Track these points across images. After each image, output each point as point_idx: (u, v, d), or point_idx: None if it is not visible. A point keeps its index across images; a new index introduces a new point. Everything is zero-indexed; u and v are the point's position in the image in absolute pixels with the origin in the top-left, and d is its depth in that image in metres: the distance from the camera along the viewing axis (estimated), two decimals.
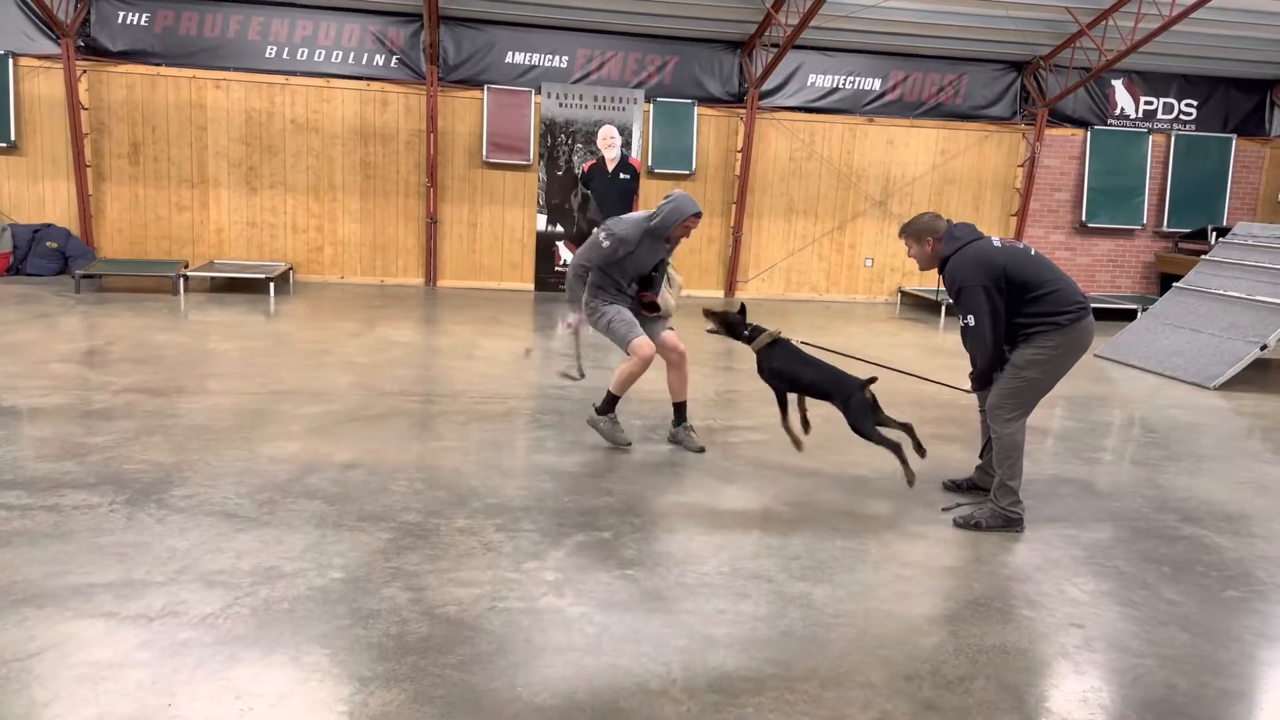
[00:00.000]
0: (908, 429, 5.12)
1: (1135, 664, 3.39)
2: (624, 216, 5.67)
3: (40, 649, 3.11)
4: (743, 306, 5.66)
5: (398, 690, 2.98)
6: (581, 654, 3.27)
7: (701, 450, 5.77)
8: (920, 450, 5.11)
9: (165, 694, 2.91)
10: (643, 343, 5.54)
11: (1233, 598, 4.02)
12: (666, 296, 5.95)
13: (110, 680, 2.96)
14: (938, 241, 4.68)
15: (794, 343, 5.46)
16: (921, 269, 4.91)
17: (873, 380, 5.08)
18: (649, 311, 5.81)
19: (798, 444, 5.42)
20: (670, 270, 6.04)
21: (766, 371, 5.42)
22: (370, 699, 2.93)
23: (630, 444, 5.81)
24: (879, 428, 5.02)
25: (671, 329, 5.89)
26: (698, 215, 5.50)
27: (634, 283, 5.75)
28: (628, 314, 5.65)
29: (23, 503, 4.37)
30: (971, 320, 4.49)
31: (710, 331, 5.66)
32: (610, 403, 5.78)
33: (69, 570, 3.69)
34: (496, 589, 3.72)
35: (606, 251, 5.52)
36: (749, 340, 5.46)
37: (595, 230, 5.67)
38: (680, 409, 5.92)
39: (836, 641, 3.44)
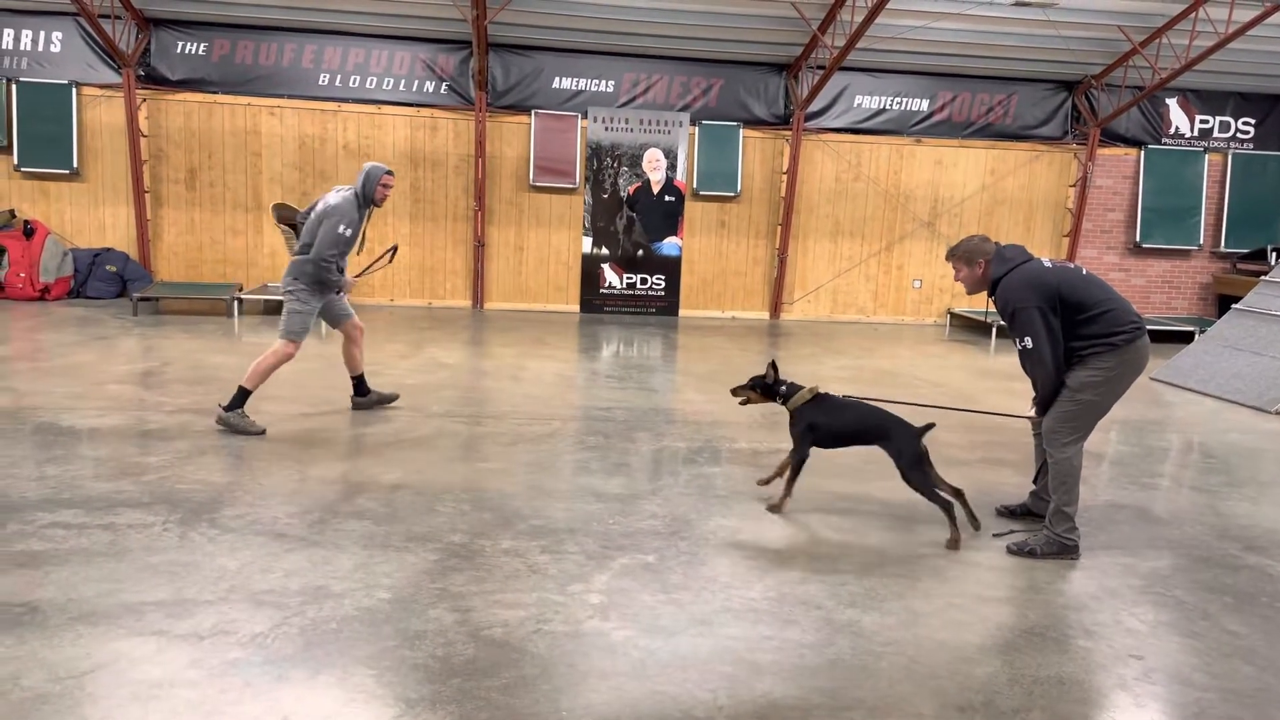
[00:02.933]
0: (959, 495, 4.83)
1: (1198, 698, 3.28)
2: (332, 204, 6.24)
3: (93, 666, 3.16)
4: (773, 364, 5.21)
5: (443, 713, 2.98)
6: (626, 679, 3.24)
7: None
8: (974, 522, 4.84)
9: (214, 713, 2.93)
10: (294, 348, 6.35)
11: None
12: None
13: (160, 699, 2.99)
14: (988, 263, 4.61)
15: (837, 396, 5.09)
16: (969, 293, 4.84)
17: (931, 426, 4.81)
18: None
19: (776, 509, 5.05)
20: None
21: (802, 426, 5.00)
22: None
23: (264, 430, 6.19)
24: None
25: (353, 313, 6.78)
26: (390, 173, 6.35)
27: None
28: (313, 313, 6.43)
29: (79, 521, 4.45)
30: (1030, 343, 4.41)
31: (743, 403, 5.31)
32: (242, 398, 6.23)
33: (122, 588, 3.75)
34: (541, 611, 3.71)
35: (351, 236, 6.28)
36: (784, 399, 5.07)
37: (323, 221, 6.21)
38: (362, 380, 6.90)
39: (886, 670, 3.37)
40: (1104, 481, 5.97)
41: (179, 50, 12.22)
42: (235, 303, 11.23)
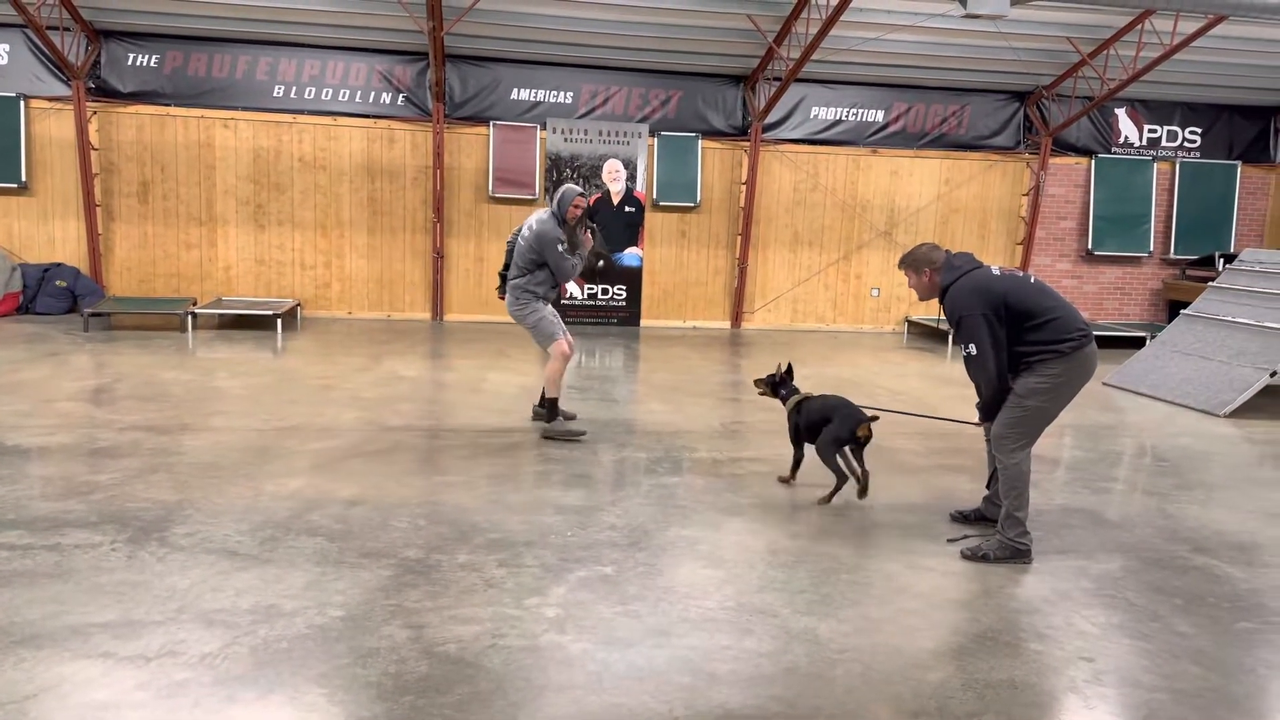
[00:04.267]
0: (862, 477, 5.37)
1: (1147, 699, 3.33)
2: (539, 230, 6.63)
3: (37, 690, 3.08)
4: (790, 368, 5.93)
5: None
6: (583, 692, 3.23)
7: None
8: (862, 494, 5.37)
9: None
10: (563, 342, 6.72)
11: (1246, 630, 3.95)
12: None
13: None
14: (936, 272, 4.68)
15: (816, 397, 5.68)
16: (921, 299, 4.91)
17: (874, 419, 5.34)
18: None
19: (786, 481, 5.82)
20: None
21: (792, 428, 5.69)
22: None
23: (585, 433, 6.75)
24: (844, 459, 5.38)
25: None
26: (582, 195, 6.63)
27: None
28: (551, 315, 6.80)
29: (24, 542, 4.36)
30: (973, 349, 4.48)
31: (761, 394, 5.97)
32: (554, 407, 6.81)
33: (68, 610, 3.67)
34: (497, 626, 3.68)
35: (564, 249, 6.64)
36: (784, 400, 5.78)
37: (542, 249, 6.62)
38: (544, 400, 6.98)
39: (842, 678, 3.39)
40: (1058, 486, 6.06)
41: (130, 62, 12.05)
42: (189, 317, 11.07)
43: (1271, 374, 8.58)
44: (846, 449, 5.37)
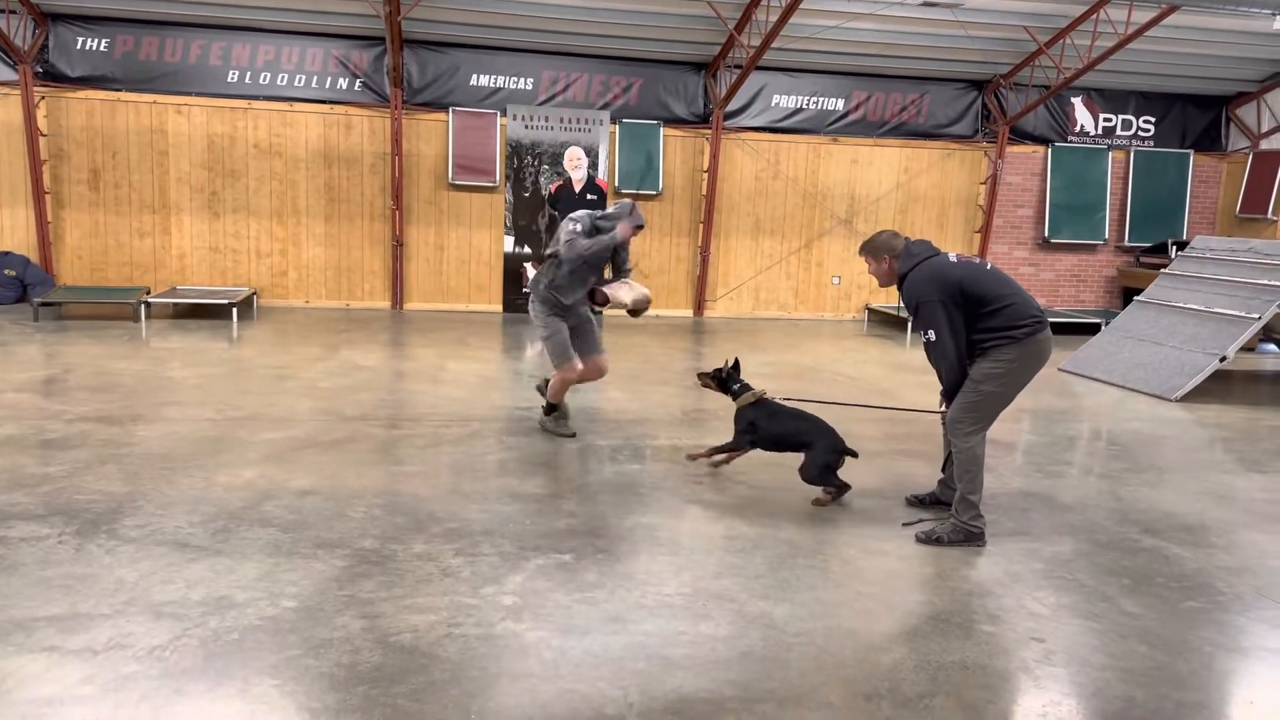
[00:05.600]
0: (842, 489, 5.24)
1: (1095, 677, 3.39)
2: (576, 221, 6.13)
3: None
4: (736, 362, 5.75)
5: None
6: (538, 680, 3.22)
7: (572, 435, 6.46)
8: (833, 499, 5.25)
9: None
10: (572, 366, 6.29)
11: (1192, 609, 4.03)
12: (619, 292, 6.29)
13: (50, 718, 2.87)
14: (895, 259, 4.70)
15: (778, 400, 5.54)
16: (881, 285, 4.95)
17: (853, 456, 5.23)
18: (598, 304, 6.37)
19: (693, 458, 5.84)
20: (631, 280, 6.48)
21: (742, 424, 5.51)
22: None
23: (574, 434, 6.45)
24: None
25: (604, 351, 6.59)
26: (642, 228, 6.24)
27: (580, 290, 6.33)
28: (565, 334, 6.29)
29: None
30: (932, 335, 4.52)
31: (705, 386, 5.83)
32: (552, 408, 6.55)
33: (11, 605, 3.59)
34: (453, 615, 3.66)
35: (581, 233, 6.06)
36: (735, 396, 5.59)
37: (572, 217, 6.12)
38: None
39: (796, 661, 3.41)
40: (1013, 470, 6.13)
41: (79, 46, 11.79)
42: (142, 307, 10.88)
43: (1221, 359, 8.75)
44: None
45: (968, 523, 4.61)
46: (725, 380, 5.67)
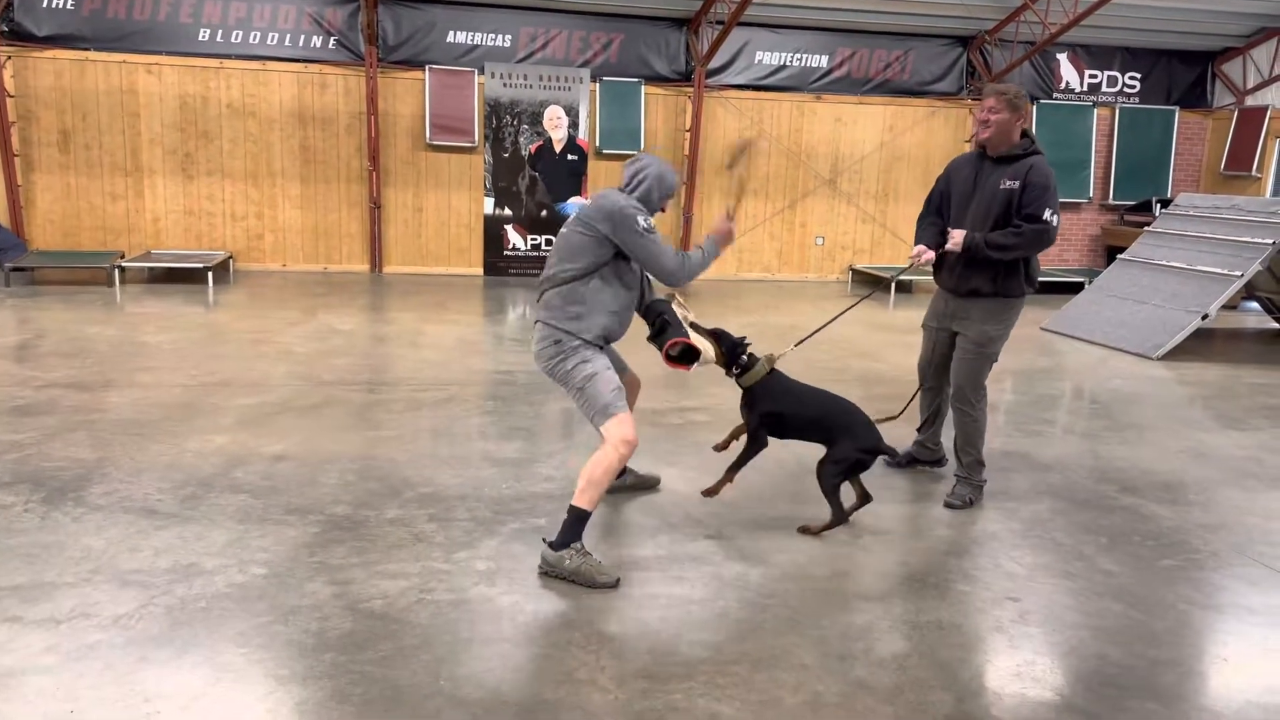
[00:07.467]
0: (865, 499, 4.31)
1: (1070, 636, 3.38)
2: (608, 195, 4.09)
3: None
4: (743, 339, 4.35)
5: (315, 689, 2.88)
6: (510, 645, 3.18)
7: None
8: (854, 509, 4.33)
9: (69, 699, 2.78)
10: (628, 415, 3.81)
11: (1168, 567, 4.03)
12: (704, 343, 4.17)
13: (11, 688, 2.82)
14: (1019, 123, 4.49)
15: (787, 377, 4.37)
16: (989, 139, 4.46)
17: (891, 456, 4.49)
18: (683, 361, 4.06)
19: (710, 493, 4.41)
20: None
21: (759, 410, 4.21)
22: (285, 698, 2.83)
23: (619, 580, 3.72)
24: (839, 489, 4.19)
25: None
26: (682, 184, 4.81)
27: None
28: (612, 368, 4.00)
29: None
30: (1055, 220, 4.39)
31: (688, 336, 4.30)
32: (578, 524, 3.71)
33: None
34: (425, 581, 3.62)
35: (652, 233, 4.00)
36: (743, 372, 4.22)
37: (615, 218, 3.94)
38: None
39: (770, 623, 3.38)
40: (993, 430, 6.06)
41: (46, 4, 11.47)
42: (116, 271, 10.71)
43: (1203, 317, 8.74)
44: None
45: (982, 479, 4.74)
46: (735, 349, 4.20)
